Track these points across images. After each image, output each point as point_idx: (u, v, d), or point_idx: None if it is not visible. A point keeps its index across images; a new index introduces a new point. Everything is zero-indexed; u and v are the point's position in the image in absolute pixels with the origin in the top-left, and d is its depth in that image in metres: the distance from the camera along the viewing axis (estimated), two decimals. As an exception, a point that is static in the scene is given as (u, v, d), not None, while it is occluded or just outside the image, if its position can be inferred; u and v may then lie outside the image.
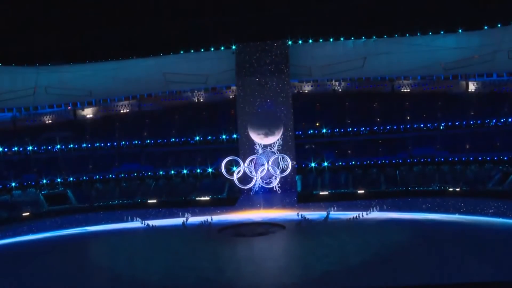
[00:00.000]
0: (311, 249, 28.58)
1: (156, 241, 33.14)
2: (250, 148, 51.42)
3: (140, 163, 56.04)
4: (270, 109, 51.39)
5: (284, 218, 38.77)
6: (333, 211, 39.53)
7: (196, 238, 32.41)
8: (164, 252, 29.80)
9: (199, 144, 55.60)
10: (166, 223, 38.64)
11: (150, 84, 56.09)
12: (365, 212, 37.61)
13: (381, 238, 30.44)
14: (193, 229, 34.29)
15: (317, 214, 38.80)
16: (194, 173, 54.49)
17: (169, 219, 40.95)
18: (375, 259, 25.79)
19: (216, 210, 45.04)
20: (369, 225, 34.69)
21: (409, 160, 52.09)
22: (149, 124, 58.53)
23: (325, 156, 52.97)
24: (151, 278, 24.44)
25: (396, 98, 56.20)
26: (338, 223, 35.05)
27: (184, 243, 31.79)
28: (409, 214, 37.60)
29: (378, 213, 38.85)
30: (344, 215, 37.66)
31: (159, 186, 54.12)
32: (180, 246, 31.14)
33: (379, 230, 32.69)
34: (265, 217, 39.97)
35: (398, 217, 37.02)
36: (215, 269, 25.32)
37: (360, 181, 50.61)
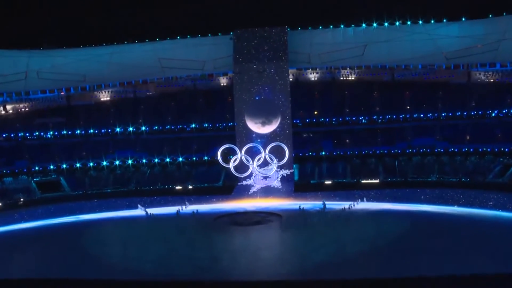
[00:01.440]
0: (308, 238, 28.68)
1: (151, 230, 33.04)
2: (247, 136, 51.33)
3: (134, 150, 55.96)
4: (268, 97, 51.19)
5: (281, 208, 38.81)
6: (328, 201, 39.40)
7: (190, 227, 32.33)
8: (158, 241, 29.70)
9: (195, 131, 55.57)
10: (161, 212, 38.58)
11: (146, 70, 55.57)
12: (355, 202, 37.52)
13: (379, 229, 30.59)
14: (188, 218, 34.34)
15: (313, 204, 39.04)
16: (190, 161, 54.57)
17: (164, 207, 40.94)
18: (372, 249, 25.80)
19: (212, 198, 45.11)
20: (366, 215, 34.90)
21: (408, 150, 52.07)
22: (144, 111, 58.33)
23: (323, 145, 53.19)
24: (144, 267, 24.33)
25: (396, 87, 56.01)
26: (334, 213, 35.05)
27: (179, 232, 31.68)
28: (408, 205, 37.62)
29: (375, 203, 38.94)
30: (340, 205, 37.58)
31: (154, 173, 54.03)
32: (174, 235, 31.07)
33: (377, 221, 32.92)
34: (261, 206, 40.01)
35: (397, 208, 37.21)
36: (210, 259, 25.22)
37: (359, 171, 50.64)
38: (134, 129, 56.09)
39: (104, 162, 54.15)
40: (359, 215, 34.99)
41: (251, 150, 47.27)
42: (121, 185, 51.77)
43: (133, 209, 41.38)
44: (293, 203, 40.79)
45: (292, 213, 34.64)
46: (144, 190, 50.45)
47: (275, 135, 50.66)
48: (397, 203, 38.43)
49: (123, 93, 59.75)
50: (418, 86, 55.34)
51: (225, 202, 42.96)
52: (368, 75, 56.98)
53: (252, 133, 51.04)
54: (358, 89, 56.07)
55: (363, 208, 37.52)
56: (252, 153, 46.97)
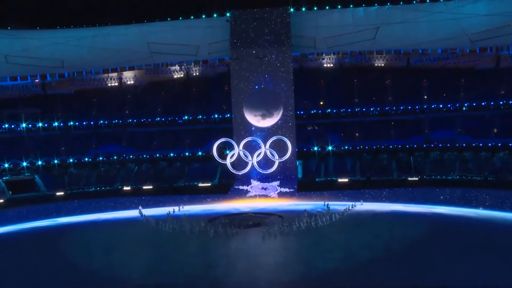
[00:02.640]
0: (312, 243, 28.23)
1: (139, 234, 32.48)
2: (245, 129, 51.01)
3: (120, 145, 55.82)
4: (269, 86, 50.71)
5: (282, 208, 38.45)
6: (335, 201, 39.33)
7: (182, 230, 31.84)
8: (147, 246, 29.30)
9: (188, 124, 55.52)
10: (150, 213, 37.86)
11: (133, 56, 54.61)
12: (355, 204, 37.34)
13: (392, 233, 29.79)
14: (180, 220, 33.47)
15: (315, 205, 38.64)
16: (182, 156, 54.45)
17: (154, 208, 40.47)
18: (383, 256, 25.17)
19: (207, 198, 44.78)
20: (376, 218, 34.09)
21: (426, 145, 51.57)
22: (131, 101, 58.05)
23: (330, 139, 52.90)
24: (131, 275, 23.91)
25: (412, 74, 55.51)
26: (339, 215, 34.58)
27: (170, 236, 31.30)
28: (424, 207, 36.90)
29: (387, 204, 38.37)
30: (346, 206, 37.20)
31: (142, 171, 53.99)
32: (165, 239, 30.69)
33: (389, 224, 31.90)
34: (261, 206, 39.71)
35: (412, 209, 36.26)
36: (204, 265, 24.90)
37: (369, 168, 50.39)
38: (120, 122, 56.01)
39: (86, 158, 54.06)
40: (368, 217, 34.19)
41: (250, 144, 47.49)
42: (105, 183, 51.50)
43: (119, 210, 40.88)
44: (296, 203, 40.44)
45: (294, 214, 34.15)
46: (131, 189, 50.21)
47: (276, 128, 50.41)
48: (412, 204, 37.71)
49: (107, 81, 59.21)
50: (438, 72, 54.56)
51: (221, 202, 42.72)
52: (381, 61, 56.73)
53: (251, 126, 50.91)
54: (369, 76, 55.70)
55: (373, 209, 36.74)
56: (251, 148, 47.23)
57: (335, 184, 47.56)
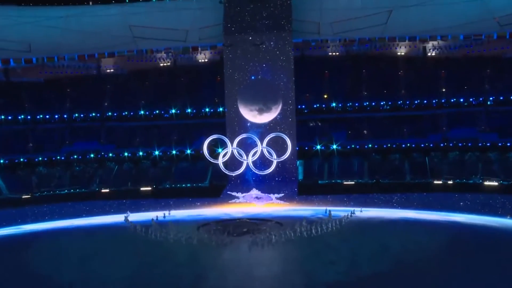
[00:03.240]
0: (313, 253, 28.22)
1: (118, 243, 32.29)
2: (240, 125, 50.89)
3: (98, 141, 55.77)
4: (266, 77, 50.54)
5: (280, 214, 38.60)
6: (340, 207, 39.42)
7: (168, 238, 31.70)
8: (129, 255, 29.07)
9: (175, 118, 55.62)
10: (131, 219, 37.60)
11: (113, 40, 54.24)
12: (358, 209, 37.38)
13: (402, 243, 29.36)
14: (165, 227, 33.33)
15: (319, 210, 38.68)
16: (168, 155, 54.49)
17: (136, 213, 40.25)
18: (393, 269, 24.90)
19: (196, 202, 44.78)
20: (387, 226, 34.01)
21: (443, 144, 51.44)
22: (111, 92, 58.17)
23: (335, 136, 52.85)
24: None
25: (429, 64, 55.37)
26: (343, 222, 34.42)
27: (155, 245, 31.15)
28: (441, 214, 36.60)
29: (398, 211, 38.33)
30: (349, 212, 36.92)
31: (123, 171, 53.97)
32: (150, 248, 30.57)
33: (400, 234, 31.86)
34: (257, 212, 39.89)
35: (427, 217, 36.01)
36: (193, 276, 24.76)
37: (379, 170, 50.38)
38: (98, 115, 55.88)
39: (58, 156, 53.75)
40: (376, 225, 34.12)
41: (244, 142, 47.91)
42: (80, 185, 51.33)
43: (96, 215, 40.64)
44: (296, 209, 40.48)
45: (293, 221, 34.15)
46: (110, 191, 50.01)
47: (275, 123, 50.26)
48: (427, 211, 37.57)
49: (84, 68, 59.00)
50: (459, 62, 54.30)
51: (212, 207, 42.75)
52: (393, 48, 56.69)
53: (247, 121, 50.71)
54: (380, 67, 55.59)
55: (381, 216, 36.66)
56: (246, 146, 47.61)
57: (340, 188, 47.61)
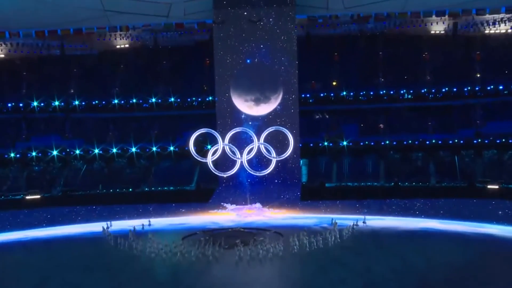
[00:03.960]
0: (318, 269, 27.97)
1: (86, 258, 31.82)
2: (232, 117, 50.53)
3: (62, 135, 55.42)
4: (265, 60, 50.20)
5: (280, 223, 38.60)
6: (351, 215, 39.51)
7: (148, 251, 31.37)
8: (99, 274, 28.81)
9: (155, 109, 55.46)
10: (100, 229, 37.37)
11: (80, 14, 52.89)
12: (361, 220, 37.05)
13: (424, 258, 29.07)
14: (144, 238, 33.09)
15: (325, 219, 38.84)
16: (147, 152, 54.19)
17: (107, 222, 39.40)
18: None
19: (180, 208, 44.70)
20: (404, 238, 33.82)
21: (477, 140, 51.24)
22: (78, 76, 57.69)
23: (345, 131, 52.96)
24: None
25: (459, 44, 54.78)
26: (352, 232, 34.40)
27: (130, 259, 30.81)
28: (474, 225, 36.22)
29: (420, 220, 38.14)
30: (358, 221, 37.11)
31: (93, 171, 53.78)
32: (124, 264, 30.24)
33: (419, 247, 31.50)
34: (252, 220, 39.91)
35: (454, 228, 35.49)
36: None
37: (397, 171, 50.19)
38: (62, 104, 55.13)
39: (11, 153, 53.47)
40: (388, 237, 34.00)
41: (238, 137, 46.91)
42: (40, 188, 50.70)
43: (59, 225, 40.14)
44: (298, 217, 40.48)
45: (295, 230, 33.96)
46: (76, 195, 49.86)
47: (274, 115, 49.99)
48: (455, 221, 37.16)
49: (43, 48, 58.44)
50: (497, 42, 53.62)
51: (199, 214, 42.66)
52: (417, 26, 56.13)
53: (241, 113, 50.39)
54: (400, 47, 55.24)
55: (397, 226, 36.55)
56: (240, 142, 46.60)
57: (351, 192, 47.52)
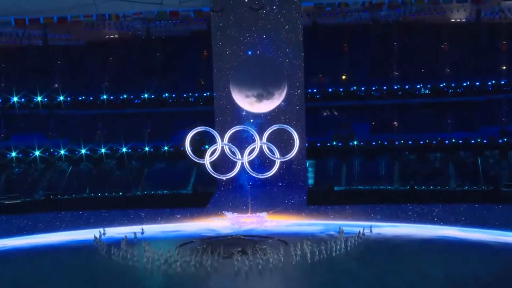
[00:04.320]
0: (327, 282, 27.46)
1: (72, 269, 31.28)
2: (232, 114, 50.31)
3: (46, 134, 55.23)
4: (267, 52, 50.03)
5: (283, 230, 38.51)
6: (362, 221, 39.35)
7: (140, 262, 31.08)
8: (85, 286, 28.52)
9: (148, 105, 55.22)
10: (86, 237, 37.21)
11: (65, 1, 53.38)
12: (367, 228, 36.48)
13: (443, 270, 28.45)
14: (136, 248, 32.73)
15: (332, 226, 38.75)
16: (139, 152, 53.92)
17: (95, 229, 39.12)
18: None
19: (175, 213, 44.58)
20: (424, 246, 33.29)
21: (502, 140, 50.84)
22: (63, 70, 57.65)
23: (355, 129, 52.90)
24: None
25: (483, 33, 54.20)
26: (360, 240, 34.05)
27: (121, 271, 30.29)
28: (500, 234, 35.40)
29: (439, 227, 37.68)
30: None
31: (79, 173, 53.50)
32: (112, 276, 29.70)
33: (439, 256, 30.99)
34: (255, 228, 39.75)
35: (478, 237, 34.87)
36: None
37: (413, 173, 49.81)
38: (45, 100, 54.86)
39: None
40: (405, 245, 33.68)
41: (239, 136, 46.81)
42: (20, 192, 50.52)
43: (42, 233, 39.77)
44: (303, 223, 40.39)
45: (300, 238, 33.65)
46: (61, 200, 49.60)
47: (278, 112, 49.76)
48: (477, 229, 36.54)
49: (24, 37, 58.48)
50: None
51: (196, 220, 42.58)
52: (435, 14, 55.81)
53: (241, 110, 50.20)
54: (416, 37, 54.87)
55: (411, 234, 36.13)
56: (240, 142, 46.58)
57: (362, 196, 47.25)
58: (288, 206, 44.90)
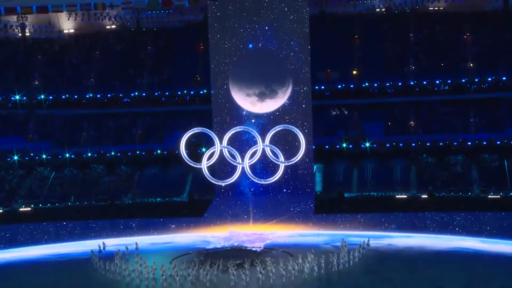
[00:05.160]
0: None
1: (48, 285, 31.91)
2: (232, 114, 50.24)
3: (25, 136, 55.47)
4: (270, 45, 50.10)
5: (288, 241, 38.57)
6: (376, 231, 39.65)
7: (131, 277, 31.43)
8: None
9: (139, 103, 55.21)
10: (73, 250, 37.76)
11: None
12: (367, 239, 36.70)
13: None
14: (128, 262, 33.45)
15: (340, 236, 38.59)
16: (130, 156, 54.07)
17: (81, 241, 40.08)
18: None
19: (169, 222, 44.71)
20: (438, 260, 33.21)
21: None
22: (44, 65, 57.81)
23: (367, 130, 52.85)
24: None
25: (510, 21, 54.74)
26: (363, 252, 34.31)
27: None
28: None
29: (461, 238, 37.58)
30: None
31: (63, 179, 53.34)
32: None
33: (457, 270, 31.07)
34: (258, 238, 39.79)
35: (501, 249, 34.77)
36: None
37: (432, 178, 49.89)
38: (24, 98, 54.99)
39: None
40: (421, 258, 33.53)
41: (239, 138, 47.11)
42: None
43: (21, 246, 39.93)
44: (310, 233, 40.61)
45: (305, 250, 34.00)
46: (43, 209, 49.80)
47: (282, 111, 49.70)
48: (504, 240, 36.44)
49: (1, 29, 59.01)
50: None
51: (192, 231, 42.72)
52: (454, 1, 56.47)
53: (242, 109, 50.10)
54: (434, 28, 55.27)
55: (425, 246, 35.99)
56: (241, 144, 46.85)
57: (375, 204, 47.49)
58: (294, 214, 44.77)
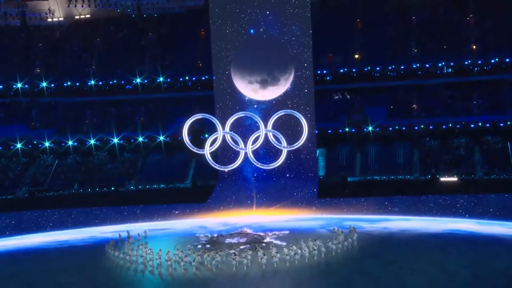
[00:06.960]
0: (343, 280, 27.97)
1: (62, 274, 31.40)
2: (234, 100, 50.21)
3: (28, 124, 55.33)
4: (272, 31, 49.95)
5: (291, 225, 38.44)
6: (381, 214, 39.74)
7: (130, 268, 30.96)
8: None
9: (141, 91, 55.15)
10: (75, 238, 37.56)
11: None
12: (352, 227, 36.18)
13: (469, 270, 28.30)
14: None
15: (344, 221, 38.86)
16: (132, 143, 54.24)
17: (85, 228, 40.17)
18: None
19: (172, 209, 44.81)
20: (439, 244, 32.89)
21: None
22: (46, 53, 57.76)
23: (370, 113, 52.78)
24: None
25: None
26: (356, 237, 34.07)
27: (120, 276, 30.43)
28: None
29: (466, 221, 37.45)
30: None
31: (66, 167, 53.36)
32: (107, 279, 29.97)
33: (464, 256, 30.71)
34: (261, 223, 39.84)
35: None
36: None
37: (436, 161, 49.92)
38: (26, 86, 55.05)
39: None
40: (426, 241, 33.49)
41: (242, 124, 47.18)
42: (1, 189, 50.78)
43: (25, 234, 39.81)
44: (313, 217, 40.46)
45: (310, 235, 34.25)
46: (47, 197, 49.60)
47: (285, 97, 49.74)
48: (508, 222, 36.36)
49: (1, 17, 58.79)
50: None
51: (196, 216, 42.74)
52: None
53: (244, 95, 50.22)
54: (437, 9, 55.05)
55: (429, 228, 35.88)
56: (243, 130, 46.93)
57: (378, 187, 47.57)
58: (297, 199, 44.84)
